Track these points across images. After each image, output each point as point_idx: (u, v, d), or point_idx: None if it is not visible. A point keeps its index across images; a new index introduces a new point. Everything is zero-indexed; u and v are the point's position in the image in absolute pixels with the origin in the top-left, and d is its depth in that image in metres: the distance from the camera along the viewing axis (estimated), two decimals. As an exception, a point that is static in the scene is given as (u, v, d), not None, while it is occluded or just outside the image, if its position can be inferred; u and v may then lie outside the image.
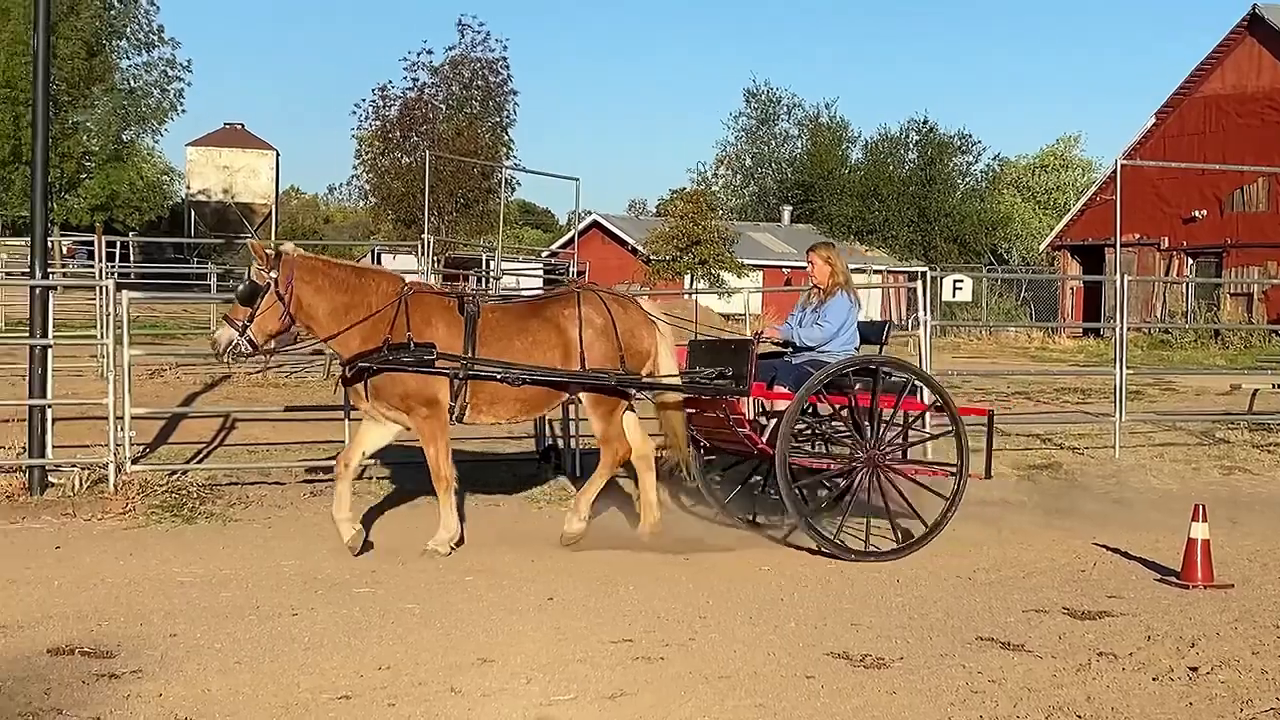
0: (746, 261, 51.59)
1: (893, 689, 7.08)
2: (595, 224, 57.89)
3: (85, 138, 42.94)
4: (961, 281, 45.27)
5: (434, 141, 38.49)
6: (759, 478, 11.76)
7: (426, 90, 41.25)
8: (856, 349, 11.30)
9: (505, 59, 42.53)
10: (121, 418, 12.43)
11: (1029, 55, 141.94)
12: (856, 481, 10.81)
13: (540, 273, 37.31)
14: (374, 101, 41.10)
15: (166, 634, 7.96)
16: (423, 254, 25.02)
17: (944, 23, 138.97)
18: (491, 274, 32.19)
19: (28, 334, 12.96)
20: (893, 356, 11.46)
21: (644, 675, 7.29)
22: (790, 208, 66.77)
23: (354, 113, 42.21)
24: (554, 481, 13.62)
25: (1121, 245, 20.91)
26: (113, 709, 6.56)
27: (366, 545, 10.55)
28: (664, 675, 7.29)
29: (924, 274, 26.43)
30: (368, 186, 42.03)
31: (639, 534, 11.08)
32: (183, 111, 48.08)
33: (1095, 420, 17.57)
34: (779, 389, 11.09)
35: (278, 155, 58.02)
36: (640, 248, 51.22)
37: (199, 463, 13.52)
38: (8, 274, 33.45)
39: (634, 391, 11.06)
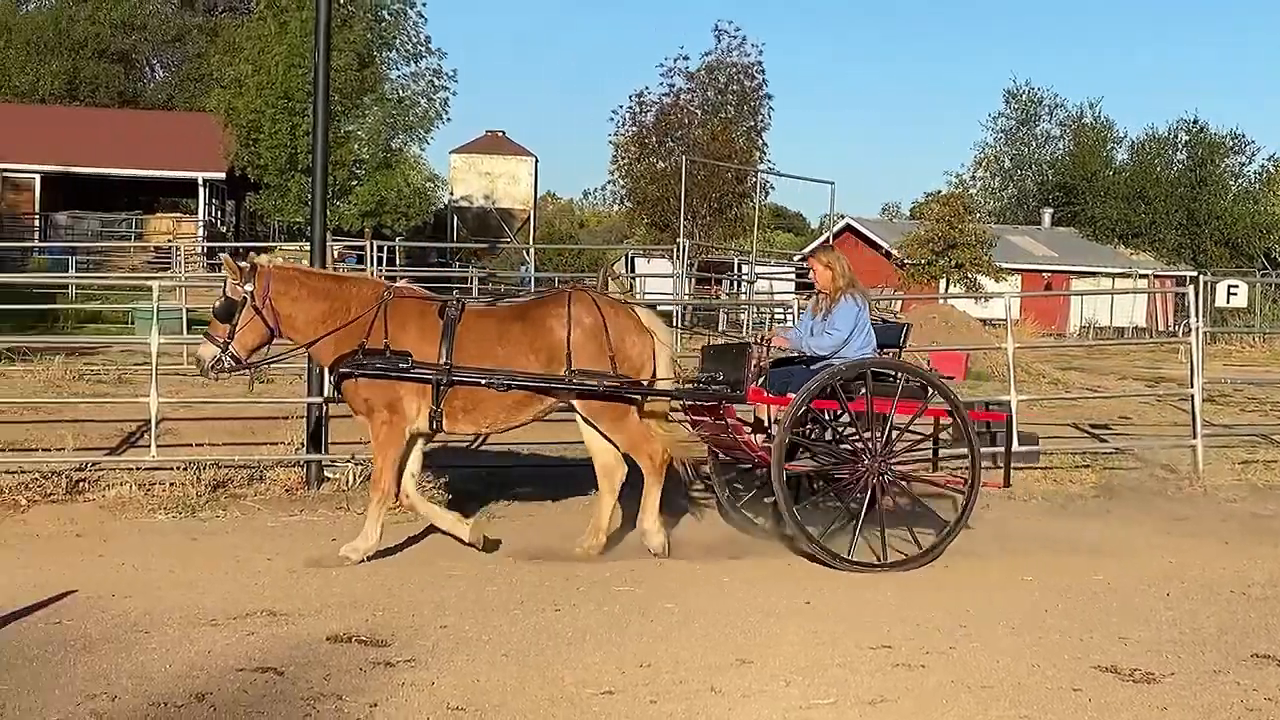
0: (1005, 266, 50.56)
1: (1164, 705, 6.89)
2: (848, 227, 57.52)
3: (356, 146, 44.60)
4: (1236, 287, 43.50)
5: (689, 146, 38.80)
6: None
7: (682, 96, 41.65)
8: (875, 351, 10.78)
9: (760, 63, 42.69)
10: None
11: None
12: (859, 490, 10.32)
13: (792, 276, 37.26)
14: (631, 108, 41.72)
15: (437, 625, 8.23)
16: (677, 258, 25.23)
17: (1213, 17, 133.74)
18: (745, 277, 32.35)
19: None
20: (899, 360, 10.81)
21: (904, 682, 7.24)
22: (1051, 210, 65.18)
23: (611, 119, 42.83)
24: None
25: None
26: (388, 696, 6.82)
27: (494, 544, 10.49)
28: (925, 683, 7.23)
29: (1197, 278, 25.46)
30: (624, 191, 42.67)
31: (573, 550, 10.39)
32: (448, 120, 49.58)
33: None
34: (773, 395, 10.81)
35: (536, 161, 59.28)
36: (894, 251, 50.70)
37: (470, 460, 13.89)
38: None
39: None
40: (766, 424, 10.79)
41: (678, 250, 25.13)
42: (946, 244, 46.56)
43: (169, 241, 43.39)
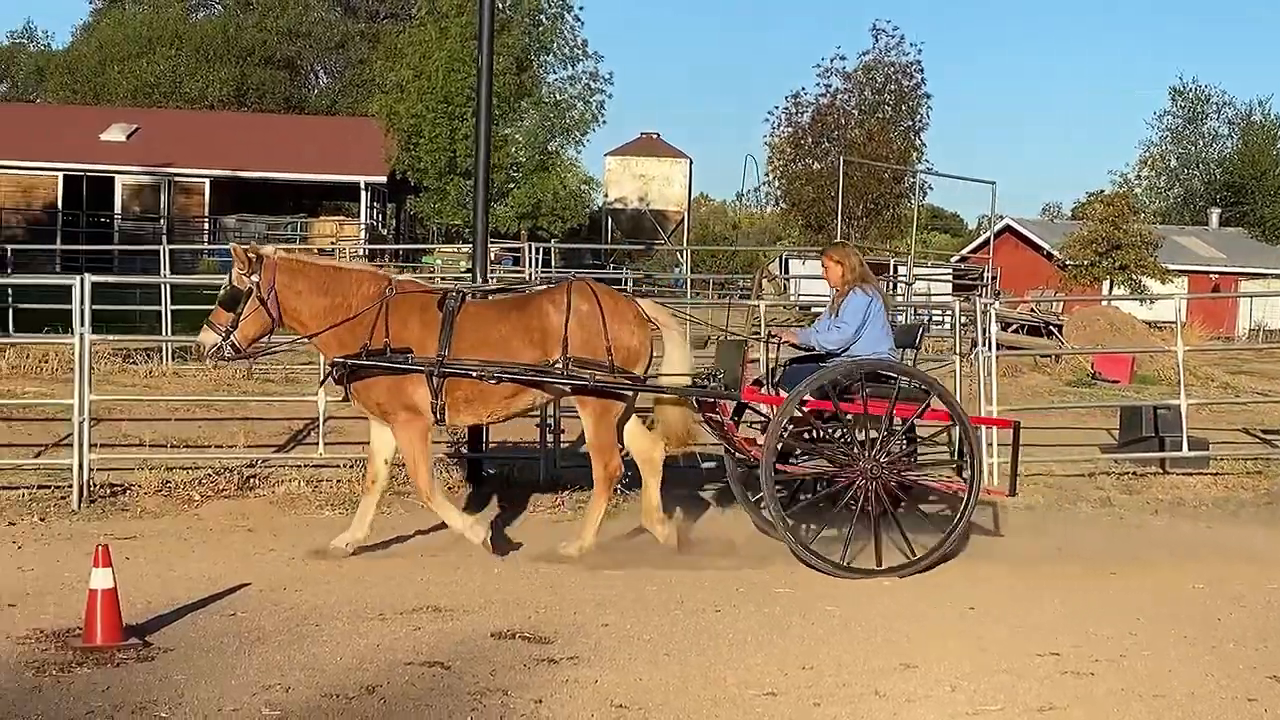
0: (1170, 267, 49.35)
1: (1346, 719, 6.67)
2: (1008, 228, 56.64)
3: (513, 149, 45.10)
4: None
5: (845, 146, 38.57)
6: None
7: (839, 96, 41.45)
8: (891, 351, 10.46)
9: (919, 62, 42.30)
10: (553, 416, 13.00)
11: None
12: (852, 492, 10.01)
13: (949, 278, 36.82)
14: (787, 108, 41.61)
15: (599, 623, 8.29)
16: (835, 259, 25.04)
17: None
18: (902, 279, 32.03)
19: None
20: (899, 362, 10.43)
21: (1073, 690, 7.12)
22: (1219, 210, 63.45)
23: (767, 119, 42.72)
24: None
25: None
26: (553, 692, 6.89)
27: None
28: (1094, 691, 7.10)
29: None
30: (779, 192, 42.57)
31: (659, 538, 10.36)
32: (603, 122, 49.81)
33: None
34: (765, 394, 10.62)
35: (690, 163, 59.36)
36: (1055, 252, 49.79)
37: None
38: (442, 279, 35.48)
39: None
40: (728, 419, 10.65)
41: (835, 252, 24.97)
42: (1110, 245, 45.57)
43: (332, 244, 44.23)
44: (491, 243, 39.98)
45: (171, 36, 61.97)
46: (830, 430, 10.25)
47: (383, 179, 47.54)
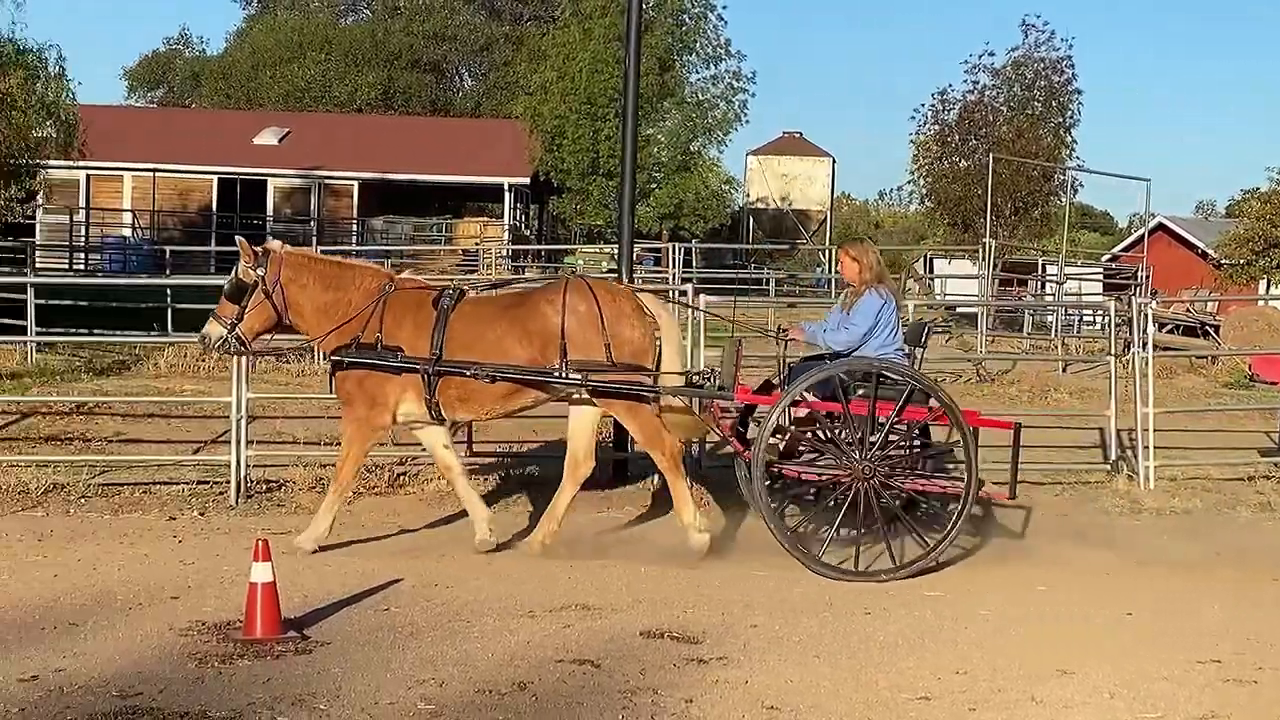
0: (1334, 265, 47.77)
1: None
2: (1160, 226, 55.36)
3: (656, 150, 45.17)
4: None
5: (993, 144, 37.98)
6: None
7: (987, 92, 40.80)
8: (900, 351, 10.20)
9: (1070, 58, 41.48)
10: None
11: None
12: (848, 495, 9.79)
13: (1100, 277, 36.11)
14: (933, 106, 41.03)
15: (747, 624, 8.27)
16: (983, 258, 24.71)
17: None
18: (1052, 278, 31.50)
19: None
20: (894, 362, 10.09)
21: (1236, 698, 6.94)
22: (1382, 207, 61.29)
23: (913, 117, 42.20)
24: (1125, 492, 13.17)
25: None
26: (703, 692, 6.88)
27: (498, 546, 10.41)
28: (1259, 699, 6.91)
29: None
30: (924, 190, 42.03)
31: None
32: (746, 122, 49.65)
33: None
34: (756, 396, 10.42)
35: (834, 162, 58.97)
36: (1210, 251, 48.55)
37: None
38: (583, 278, 35.68)
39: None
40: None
41: (983, 251, 24.60)
42: (1268, 243, 44.24)
43: (476, 245, 44.75)
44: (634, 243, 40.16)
45: (321, 41, 63.13)
46: (826, 430, 10.16)
47: (526, 180, 47.95)
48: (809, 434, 10.26)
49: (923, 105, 42.20)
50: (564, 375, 10.01)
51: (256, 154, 49.24)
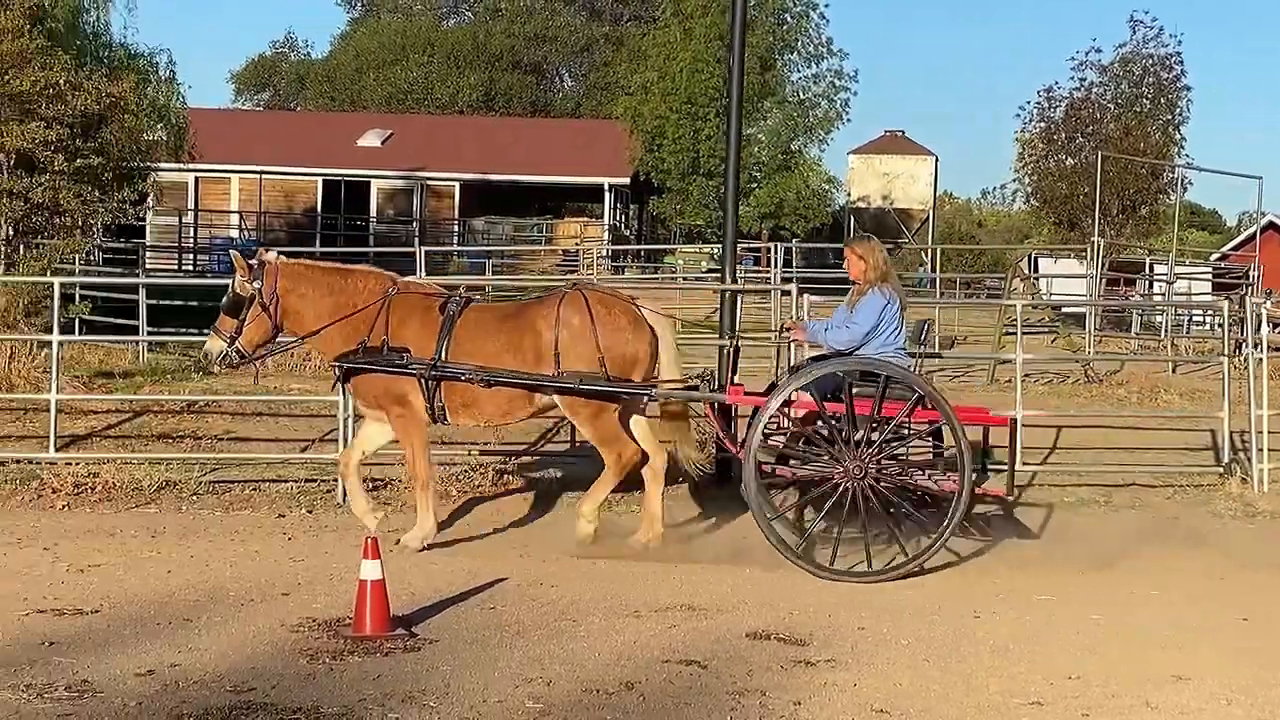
0: None
1: None
2: (1271, 225, 54.23)
3: (757, 149, 45.07)
4: None
5: (1100, 141, 37.45)
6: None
7: (1094, 90, 40.24)
8: (901, 350, 10.02)
9: (1179, 54, 40.81)
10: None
11: None
12: (840, 494, 9.63)
13: (1209, 277, 35.43)
14: (1039, 103, 40.56)
15: (854, 626, 8.20)
16: (1091, 258, 24.34)
17: None
18: (1161, 278, 30.96)
19: (715, 335, 13.74)
20: (885, 360, 9.86)
21: (1359, 708, 6.76)
22: None
23: (1018, 115, 41.73)
24: (1238, 495, 12.91)
25: None
26: (811, 695, 6.83)
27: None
28: (1384, 710, 6.73)
29: None
30: (1030, 189, 41.56)
31: (632, 544, 10.29)
32: (848, 121, 49.40)
33: None
34: (749, 397, 10.25)
35: (936, 161, 58.43)
36: (1323, 250, 47.51)
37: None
38: (684, 278, 35.72)
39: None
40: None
41: (1091, 250, 24.24)
42: (1383, 241, 43.28)
43: (576, 245, 44.94)
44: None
45: (423, 44, 63.76)
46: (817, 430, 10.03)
47: (626, 180, 48.07)
48: (799, 434, 10.20)
49: (1028, 103, 41.75)
50: (566, 382, 10.10)
51: (360, 156, 49.85)
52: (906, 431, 9.93)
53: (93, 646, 7.41)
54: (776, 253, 29.29)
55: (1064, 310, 26.48)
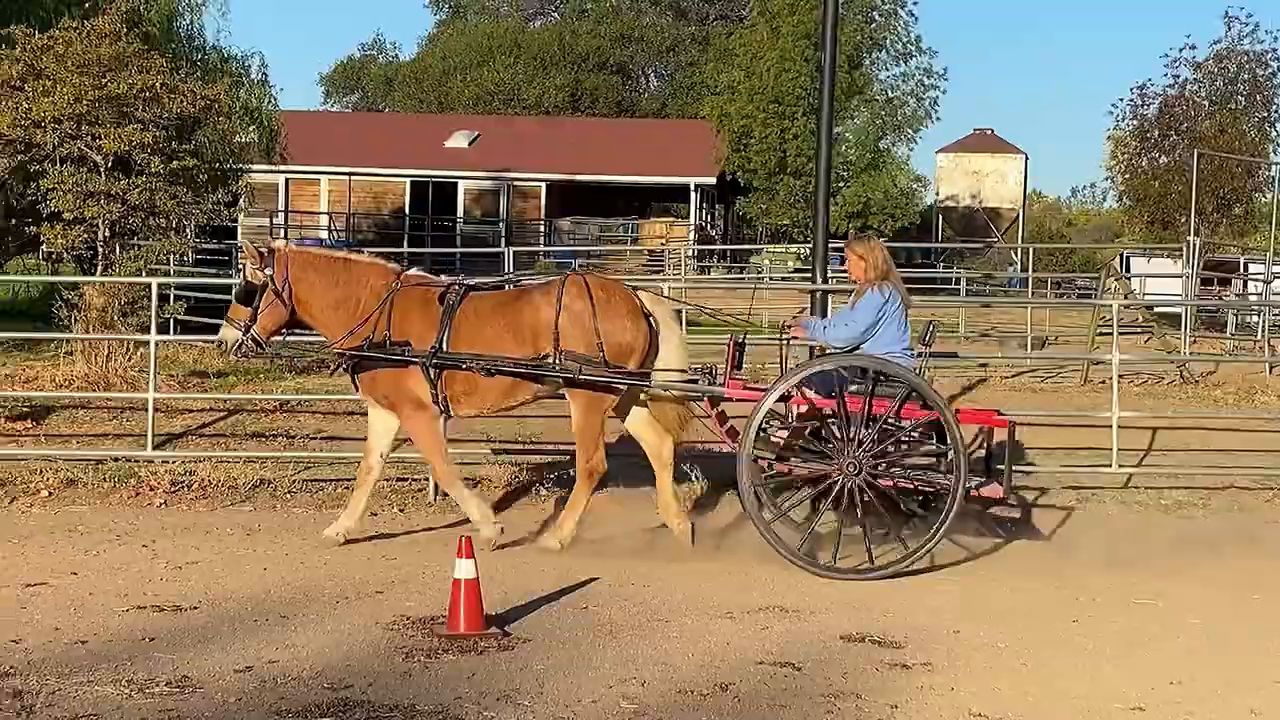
0: None
1: None
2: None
3: (844, 148, 44.90)
4: None
5: (1194, 139, 36.88)
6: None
7: (1188, 87, 39.63)
8: (906, 349, 9.88)
9: (1275, 50, 40.07)
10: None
11: None
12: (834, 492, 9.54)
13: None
14: (1131, 100, 40.02)
15: (949, 630, 8.12)
16: (1185, 257, 23.95)
17: None
18: (1256, 277, 30.39)
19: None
20: (879, 358, 9.70)
21: None
22: None
23: (1110, 112, 41.27)
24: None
25: None
26: (908, 699, 6.78)
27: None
28: None
29: None
30: (1122, 188, 41.03)
31: (676, 536, 10.31)
32: (937, 119, 49.06)
33: None
34: (748, 391, 10.16)
35: (1026, 159, 57.83)
36: None
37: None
38: (769, 278, 35.55)
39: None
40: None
41: (1186, 249, 23.84)
42: None
43: (662, 245, 44.96)
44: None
45: (510, 45, 64.06)
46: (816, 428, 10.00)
47: (712, 180, 48.02)
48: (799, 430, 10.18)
49: (1121, 100, 41.23)
50: (557, 367, 10.11)
51: (447, 156, 50.19)
52: (904, 430, 9.88)
53: (192, 642, 7.51)
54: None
55: (1158, 310, 26.07)
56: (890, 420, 9.68)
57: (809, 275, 14.20)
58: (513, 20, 68.98)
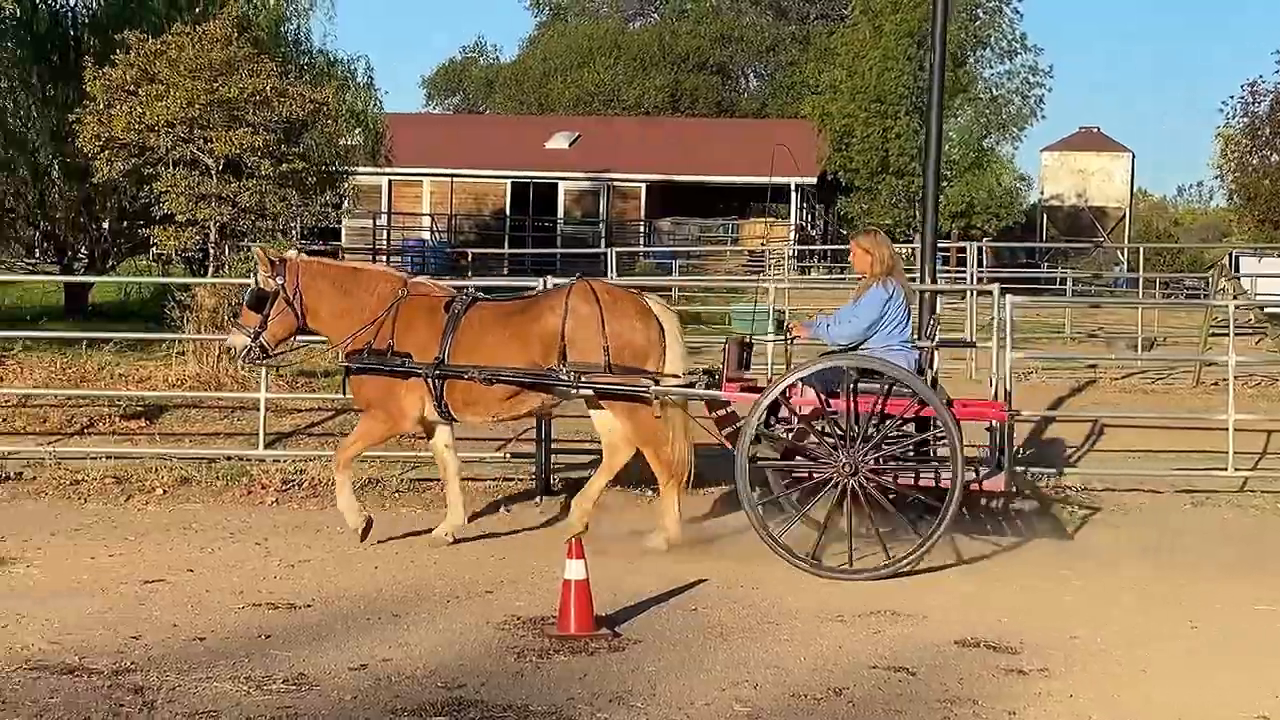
0: None
1: None
2: None
3: (948, 147, 44.52)
4: None
5: (1307, 137, 36.23)
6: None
7: (1298, 84, 38.89)
8: (905, 344, 9.69)
9: (1389, 43, 39.31)
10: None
11: None
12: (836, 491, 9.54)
13: None
14: (1242, 98, 39.30)
15: (1066, 635, 7.99)
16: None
17: None
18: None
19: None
20: (874, 357, 9.53)
21: None
22: None
23: (1220, 110, 40.58)
24: None
25: None
26: (1026, 705, 6.69)
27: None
28: None
29: None
30: (1232, 186, 40.31)
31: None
32: (1042, 117, 48.45)
33: None
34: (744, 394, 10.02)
35: (1133, 158, 56.95)
36: None
37: (1072, 468, 13.46)
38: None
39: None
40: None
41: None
42: None
43: (761, 245, 44.80)
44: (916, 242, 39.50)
45: (610, 46, 64.21)
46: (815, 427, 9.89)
47: (813, 180, 47.77)
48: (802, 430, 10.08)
49: (1231, 97, 40.54)
50: (562, 376, 10.09)
51: (548, 158, 50.41)
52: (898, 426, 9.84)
53: (307, 640, 7.59)
54: (973, 253, 28.76)
55: (1269, 311, 25.55)
56: (875, 419, 9.61)
57: (912, 276, 14.04)
58: (613, 21, 69.11)
